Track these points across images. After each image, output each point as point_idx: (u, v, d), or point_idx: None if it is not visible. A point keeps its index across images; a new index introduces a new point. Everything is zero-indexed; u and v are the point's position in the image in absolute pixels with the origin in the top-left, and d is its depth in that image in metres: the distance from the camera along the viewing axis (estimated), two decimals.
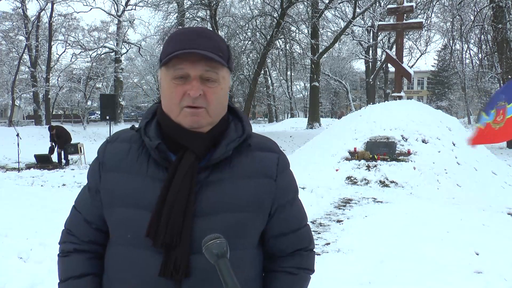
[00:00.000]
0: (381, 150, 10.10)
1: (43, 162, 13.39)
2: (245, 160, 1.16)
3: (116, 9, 33.12)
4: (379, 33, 29.77)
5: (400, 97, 12.91)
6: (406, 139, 10.29)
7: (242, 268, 1.10)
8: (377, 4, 25.93)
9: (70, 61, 34.74)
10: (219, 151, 1.12)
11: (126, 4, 32.46)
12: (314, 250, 1.29)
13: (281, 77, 45.91)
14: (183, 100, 1.10)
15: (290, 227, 1.22)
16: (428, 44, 35.74)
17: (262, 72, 32.33)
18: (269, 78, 43.58)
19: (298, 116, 47.23)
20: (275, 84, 47.05)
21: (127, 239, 1.11)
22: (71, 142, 14.47)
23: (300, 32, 27.79)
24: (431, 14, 25.01)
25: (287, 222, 1.22)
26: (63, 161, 14.14)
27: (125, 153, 1.17)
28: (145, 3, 28.80)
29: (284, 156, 1.24)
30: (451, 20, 26.25)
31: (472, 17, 24.44)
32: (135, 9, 35.54)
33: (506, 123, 6.37)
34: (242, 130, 1.19)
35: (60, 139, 14.10)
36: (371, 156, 9.96)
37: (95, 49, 33.20)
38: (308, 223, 1.30)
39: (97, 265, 1.21)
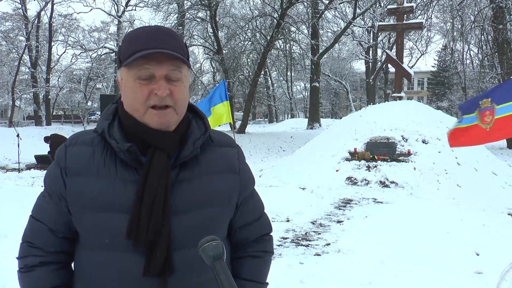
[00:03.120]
0: (381, 150, 10.09)
1: (43, 162, 13.39)
2: (210, 156, 1.20)
3: (116, 9, 33.08)
4: (379, 34, 29.76)
5: (400, 98, 12.91)
6: (406, 140, 10.29)
7: None
8: (377, 5, 25.96)
9: (70, 61, 34.83)
10: (187, 150, 1.14)
11: (126, 5, 32.42)
12: (272, 234, 1.38)
13: (281, 78, 45.97)
14: (149, 100, 1.09)
15: (253, 216, 1.31)
16: (428, 44, 35.74)
17: (262, 72, 32.34)
18: (269, 79, 43.57)
19: (298, 117, 47.21)
20: (275, 85, 47.06)
21: (104, 243, 1.09)
22: None
23: (300, 33, 27.83)
24: (431, 14, 25.01)
25: (251, 212, 1.31)
26: None
27: (89, 157, 1.12)
28: (146, 3, 28.82)
29: (241, 149, 1.32)
30: (451, 20, 26.27)
31: (472, 18, 24.46)
32: (135, 10, 35.72)
33: (495, 124, 6.53)
34: (205, 128, 1.21)
35: (55, 147, 13.98)
36: (371, 156, 9.95)
37: (95, 50, 33.20)
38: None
39: (65, 275, 1.18)
